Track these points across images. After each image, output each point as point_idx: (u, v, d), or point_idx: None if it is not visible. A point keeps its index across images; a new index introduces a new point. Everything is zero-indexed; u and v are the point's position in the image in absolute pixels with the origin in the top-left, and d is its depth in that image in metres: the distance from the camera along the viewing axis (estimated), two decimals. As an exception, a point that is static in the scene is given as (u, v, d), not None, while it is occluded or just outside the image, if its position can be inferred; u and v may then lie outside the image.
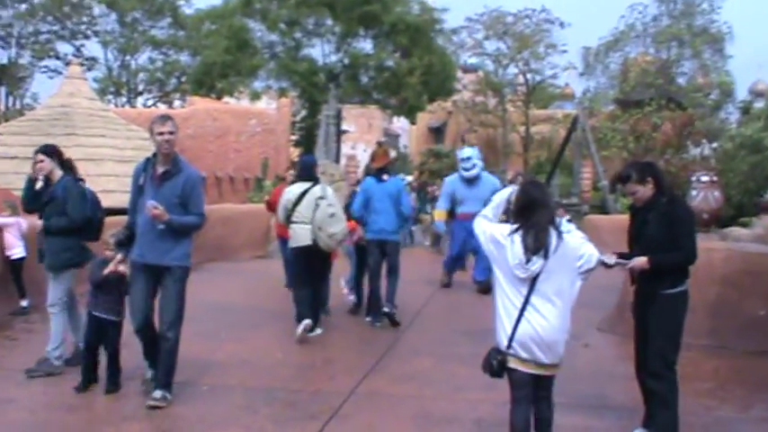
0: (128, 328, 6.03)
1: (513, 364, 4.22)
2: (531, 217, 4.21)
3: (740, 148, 14.17)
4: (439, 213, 12.14)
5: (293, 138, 32.05)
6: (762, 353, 7.55)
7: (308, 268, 8.20)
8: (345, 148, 37.39)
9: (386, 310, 8.92)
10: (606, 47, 32.62)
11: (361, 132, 46.71)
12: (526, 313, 4.14)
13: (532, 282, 4.14)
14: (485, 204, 5.40)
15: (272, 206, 10.64)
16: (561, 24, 35.37)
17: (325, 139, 26.14)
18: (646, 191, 4.94)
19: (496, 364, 4.22)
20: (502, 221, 4.44)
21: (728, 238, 9.94)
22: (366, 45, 33.13)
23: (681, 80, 30.93)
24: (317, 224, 7.99)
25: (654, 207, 4.92)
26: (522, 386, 4.27)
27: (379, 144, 15.74)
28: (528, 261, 4.11)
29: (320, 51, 32.86)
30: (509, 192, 4.55)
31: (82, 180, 6.77)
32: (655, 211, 4.91)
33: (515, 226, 4.23)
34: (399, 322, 8.98)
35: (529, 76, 37.01)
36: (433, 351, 7.74)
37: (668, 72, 30.15)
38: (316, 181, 8.36)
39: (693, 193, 9.58)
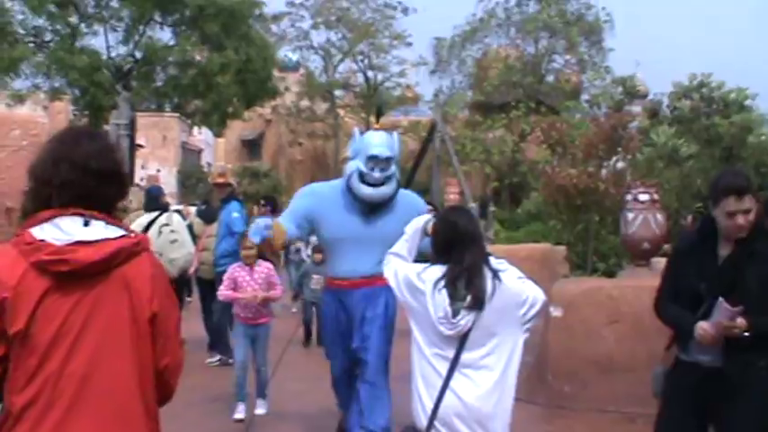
0: None
1: None
2: (460, 256, 3.97)
3: (656, 158, 14.33)
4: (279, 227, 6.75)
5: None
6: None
7: None
8: (136, 168, 35.82)
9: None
10: (462, 38, 32.97)
11: (153, 147, 44.99)
12: (452, 382, 3.88)
13: (462, 340, 3.89)
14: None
15: None
16: (405, 10, 35.65)
17: (115, 155, 24.59)
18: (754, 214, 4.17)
19: None
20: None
21: (654, 272, 9.69)
22: (164, 35, 31.86)
23: (551, 78, 31.64)
24: (158, 250, 8.86)
25: (753, 246, 4.16)
26: None
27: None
28: (456, 314, 3.85)
29: (104, 41, 31.29)
30: (425, 220, 4.47)
31: None
32: (757, 253, 4.14)
33: (440, 269, 3.98)
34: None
35: (370, 73, 36.96)
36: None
37: (537, 69, 30.77)
38: (163, 210, 9.94)
39: (630, 216, 9.21)
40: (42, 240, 2.66)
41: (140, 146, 33.39)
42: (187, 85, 30.90)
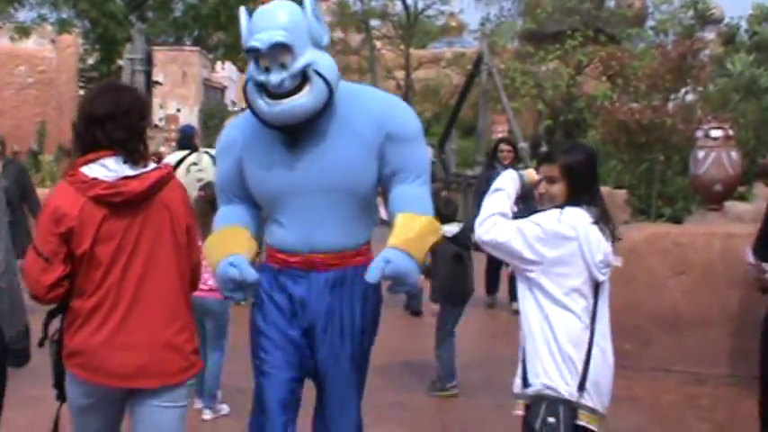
0: None
1: (584, 420, 3.90)
2: (600, 196, 4.08)
3: (731, 90, 14.01)
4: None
5: (82, 92, 30.29)
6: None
7: None
8: (154, 107, 35.89)
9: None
10: (512, -41, 32.60)
11: (172, 84, 44.87)
12: (596, 336, 3.94)
13: (596, 289, 3.97)
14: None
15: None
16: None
17: (130, 93, 24.64)
18: None
19: (564, 427, 3.85)
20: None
21: (728, 217, 9.55)
22: (182, -41, 31.73)
23: (611, 3, 31.16)
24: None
25: None
26: None
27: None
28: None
29: (116, -33, 31.18)
30: (520, 172, 4.27)
31: None
32: None
33: (580, 212, 3.95)
34: None
35: (409, 0, 36.62)
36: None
37: (597, -8, 30.29)
38: (193, 149, 10.68)
39: (700, 154, 9.02)
40: (95, 178, 3.64)
41: (158, 83, 33.39)
42: (208, 15, 30.77)
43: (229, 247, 4.21)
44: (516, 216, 4.07)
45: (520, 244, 3.89)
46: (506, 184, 4.14)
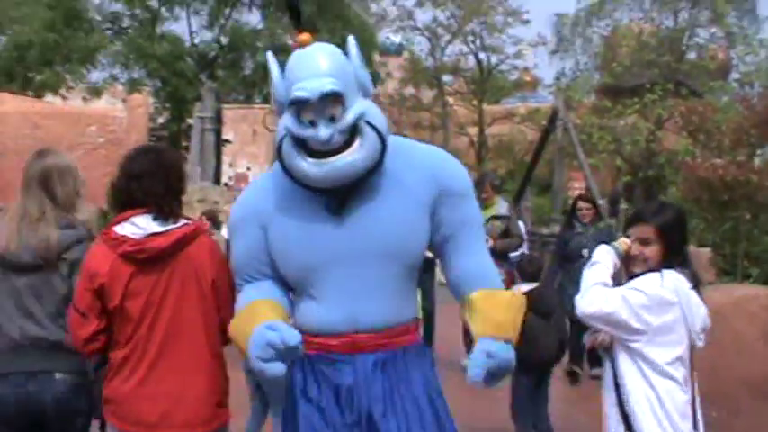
0: None
1: None
2: (687, 252, 4.16)
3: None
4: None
5: (152, 152, 30.88)
6: None
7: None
8: (224, 166, 36.28)
9: None
10: (588, 12, 32.45)
11: (242, 143, 45.29)
12: (696, 405, 4.03)
13: (691, 355, 4.04)
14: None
15: None
16: (521, -17, 35.43)
17: (199, 152, 24.97)
18: None
19: None
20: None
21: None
22: (252, 18, 32.18)
23: (692, 55, 30.85)
24: None
25: None
26: None
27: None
28: None
29: (187, 27, 31.78)
30: (616, 244, 4.17)
31: None
32: None
33: (678, 275, 3.97)
34: None
35: (482, 56, 36.67)
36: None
37: (676, 45, 29.99)
38: None
39: (786, 215, 8.83)
40: (124, 236, 3.88)
41: (228, 141, 33.79)
42: (277, 72, 31.16)
43: (262, 317, 3.48)
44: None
45: (626, 313, 3.87)
46: (603, 257, 4.10)
